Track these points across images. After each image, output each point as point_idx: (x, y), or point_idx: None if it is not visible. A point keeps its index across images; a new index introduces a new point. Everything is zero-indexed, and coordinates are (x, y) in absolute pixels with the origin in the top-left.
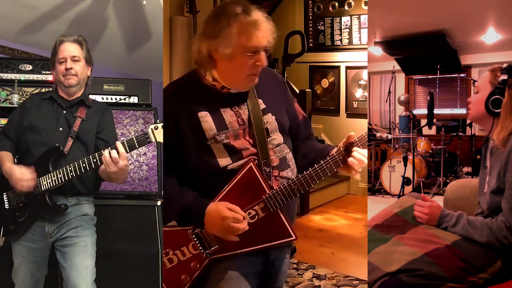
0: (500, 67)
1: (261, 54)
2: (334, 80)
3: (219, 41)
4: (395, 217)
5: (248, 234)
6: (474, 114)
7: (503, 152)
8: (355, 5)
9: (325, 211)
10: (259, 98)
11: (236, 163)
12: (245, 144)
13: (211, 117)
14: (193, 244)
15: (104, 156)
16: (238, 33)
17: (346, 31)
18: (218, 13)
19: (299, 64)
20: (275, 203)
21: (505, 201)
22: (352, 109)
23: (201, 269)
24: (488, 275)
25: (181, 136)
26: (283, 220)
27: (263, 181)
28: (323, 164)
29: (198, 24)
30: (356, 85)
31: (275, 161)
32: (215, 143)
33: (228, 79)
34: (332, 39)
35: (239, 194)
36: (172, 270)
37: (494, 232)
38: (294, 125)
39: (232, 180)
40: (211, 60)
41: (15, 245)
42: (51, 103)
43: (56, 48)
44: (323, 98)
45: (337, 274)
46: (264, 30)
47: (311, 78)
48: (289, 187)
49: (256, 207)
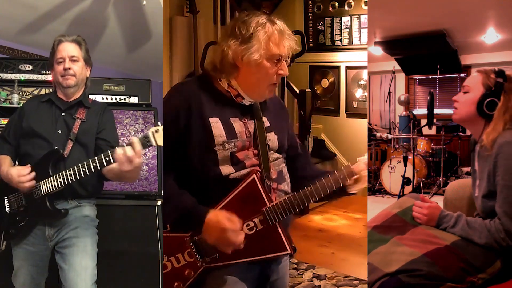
0: (491, 69)
1: (284, 63)
2: (334, 80)
3: (249, 46)
4: (395, 218)
5: (245, 245)
6: (463, 114)
7: (490, 155)
8: (355, 5)
9: (325, 211)
10: (264, 117)
11: (239, 172)
12: (249, 156)
13: (221, 124)
14: (189, 251)
15: (118, 154)
16: (268, 40)
17: (346, 31)
18: (246, 21)
19: (299, 64)
20: (274, 216)
21: (498, 205)
22: (352, 109)
23: (194, 277)
24: (487, 276)
25: (187, 137)
26: (281, 234)
27: (264, 194)
28: (324, 182)
29: (198, 24)
30: (356, 85)
31: (274, 174)
32: (223, 150)
33: (249, 87)
34: (332, 39)
35: (240, 205)
36: (165, 277)
37: (493, 233)
38: (293, 152)
39: (234, 190)
40: (233, 67)
41: (16, 248)
42: (49, 106)
43: (55, 48)
44: (323, 98)
45: (337, 274)
46: (289, 38)
47: (311, 78)
48: (290, 201)
49: (256, 219)
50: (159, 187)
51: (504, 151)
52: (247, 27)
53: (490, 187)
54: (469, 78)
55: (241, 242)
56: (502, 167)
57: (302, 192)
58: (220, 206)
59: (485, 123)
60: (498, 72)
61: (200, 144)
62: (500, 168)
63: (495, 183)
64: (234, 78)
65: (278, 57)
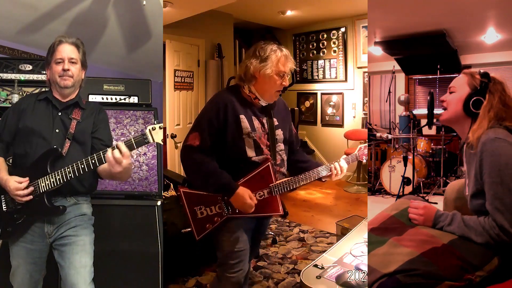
0: (476, 71)
1: (286, 77)
2: (313, 102)
3: (265, 64)
4: (392, 220)
5: (256, 204)
6: (452, 113)
7: (475, 153)
8: (327, 52)
9: (307, 188)
10: (274, 117)
11: (257, 157)
12: (264, 145)
13: (246, 120)
14: (220, 205)
15: (107, 156)
16: (277, 61)
17: (321, 70)
18: (264, 48)
19: (290, 92)
20: (277, 191)
21: (488, 202)
22: (325, 121)
23: (219, 222)
24: (485, 273)
25: (225, 128)
26: (278, 202)
27: (273, 175)
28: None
29: (224, 66)
30: (328, 105)
31: (278, 161)
32: (248, 138)
33: (263, 92)
34: (312, 75)
35: (257, 180)
36: (201, 219)
37: (487, 230)
38: (291, 139)
39: (255, 170)
40: (253, 77)
41: (14, 246)
42: (45, 104)
43: (54, 48)
44: (306, 114)
45: (315, 229)
46: (290, 61)
47: (298, 100)
48: (288, 182)
49: (265, 191)
50: (159, 187)
51: (487, 149)
52: (264, 51)
53: (478, 186)
54: (455, 80)
55: (253, 209)
56: (487, 165)
57: (297, 177)
58: (245, 179)
59: (471, 122)
60: (483, 74)
61: (233, 133)
62: (485, 166)
63: (483, 182)
64: (253, 85)
65: (283, 73)
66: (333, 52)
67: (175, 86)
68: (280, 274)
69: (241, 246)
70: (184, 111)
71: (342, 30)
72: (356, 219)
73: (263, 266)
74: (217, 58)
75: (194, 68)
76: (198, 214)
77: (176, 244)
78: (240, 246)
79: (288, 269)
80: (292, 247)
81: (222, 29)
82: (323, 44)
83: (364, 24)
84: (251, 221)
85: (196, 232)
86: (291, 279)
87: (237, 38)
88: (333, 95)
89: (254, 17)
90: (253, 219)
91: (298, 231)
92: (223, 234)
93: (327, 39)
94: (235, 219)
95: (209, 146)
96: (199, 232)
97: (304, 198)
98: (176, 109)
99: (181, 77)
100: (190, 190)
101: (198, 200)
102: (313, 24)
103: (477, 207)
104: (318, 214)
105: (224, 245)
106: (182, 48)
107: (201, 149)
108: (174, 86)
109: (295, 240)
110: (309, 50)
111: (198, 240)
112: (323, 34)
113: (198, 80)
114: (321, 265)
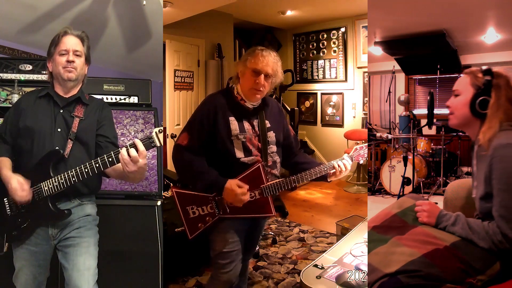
0: (478, 69)
1: (261, 76)
2: (313, 102)
3: (243, 61)
4: (394, 218)
5: (247, 206)
6: (459, 117)
7: (486, 156)
8: (327, 52)
9: (307, 188)
10: (266, 119)
11: (246, 158)
12: (255, 147)
13: (236, 122)
14: (211, 205)
15: (122, 155)
16: (254, 58)
17: (321, 70)
18: (252, 48)
19: (290, 91)
20: (268, 192)
21: (494, 209)
22: (325, 120)
23: (211, 222)
24: (486, 277)
25: (215, 130)
26: (270, 203)
27: (264, 176)
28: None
29: (224, 65)
30: (328, 105)
31: (269, 162)
32: (237, 139)
33: (243, 91)
34: (312, 75)
35: (248, 181)
36: (194, 219)
37: (490, 236)
38: (288, 141)
39: (246, 171)
40: (237, 78)
41: (17, 249)
42: (47, 102)
43: (59, 39)
44: (306, 114)
45: (315, 229)
46: (266, 61)
47: (298, 100)
48: (278, 184)
49: (256, 192)
50: (159, 187)
51: (498, 154)
52: (249, 50)
53: (487, 189)
54: (458, 81)
55: (247, 199)
56: (497, 171)
57: (287, 179)
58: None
59: (480, 123)
60: (485, 71)
61: (222, 135)
62: (495, 172)
63: (492, 186)
64: (239, 85)
65: (258, 72)
66: (333, 52)
67: (175, 86)
68: (280, 274)
69: (232, 247)
70: (184, 111)
71: (342, 30)
72: (356, 219)
73: (263, 266)
74: (217, 58)
75: (194, 68)
76: (190, 214)
77: (176, 244)
78: (231, 247)
79: (288, 269)
80: (292, 247)
81: (222, 29)
82: (323, 44)
83: (364, 24)
84: (243, 222)
85: (189, 231)
86: (291, 279)
87: (237, 38)
88: (333, 95)
89: (254, 17)
90: (246, 220)
91: (298, 231)
92: (215, 234)
93: (327, 39)
94: (227, 220)
95: (198, 146)
96: (192, 232)
97: (304, 198)
98: (176, 109)
99: (181, 77)
100: (182, 190)
101: (190, 199)
102: (313, 24)
103: (486, 210)
104: (318, 214)
105: (215, 245)
106: (182, 48)
107: (189, 149)
108: (174, 86)
109: (295, 240)
110: (309, 50)
111: (191, 239)
112: (323, 34)
113: (198, 80)
114: (321, 265)
